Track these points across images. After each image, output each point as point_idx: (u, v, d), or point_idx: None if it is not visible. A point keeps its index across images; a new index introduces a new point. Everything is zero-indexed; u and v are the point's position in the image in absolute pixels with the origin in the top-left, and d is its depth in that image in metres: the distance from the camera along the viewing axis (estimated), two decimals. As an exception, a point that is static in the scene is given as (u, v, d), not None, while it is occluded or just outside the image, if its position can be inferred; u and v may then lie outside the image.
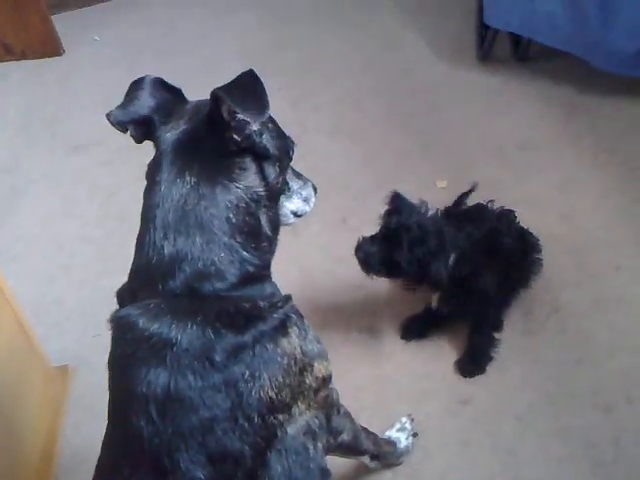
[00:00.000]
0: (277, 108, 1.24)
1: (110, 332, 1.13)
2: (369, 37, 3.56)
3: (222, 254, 1.07)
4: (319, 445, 1.16)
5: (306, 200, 1.35)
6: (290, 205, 1.31)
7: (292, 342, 1.10)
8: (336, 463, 1.45)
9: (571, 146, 2.69)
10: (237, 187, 1.10)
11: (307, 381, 1.14)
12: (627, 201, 2.41)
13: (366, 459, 1.57)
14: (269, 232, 1.17)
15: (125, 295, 1.15)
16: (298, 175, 1.34)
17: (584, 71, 2.90)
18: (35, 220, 2.64)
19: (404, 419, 1.78)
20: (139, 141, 1.22)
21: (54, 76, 3.56)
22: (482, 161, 2.68)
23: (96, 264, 2.39)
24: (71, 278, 2.36)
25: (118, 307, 1.16)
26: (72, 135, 3.08)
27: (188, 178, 1.08)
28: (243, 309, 1.07)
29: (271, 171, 1.17)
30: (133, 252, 1.14)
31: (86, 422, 1.90)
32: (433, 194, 2.53)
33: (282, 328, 1.10)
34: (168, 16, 4.00)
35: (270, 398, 1.05)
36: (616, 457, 1.70)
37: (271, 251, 1.20)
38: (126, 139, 1.24)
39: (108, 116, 1.20)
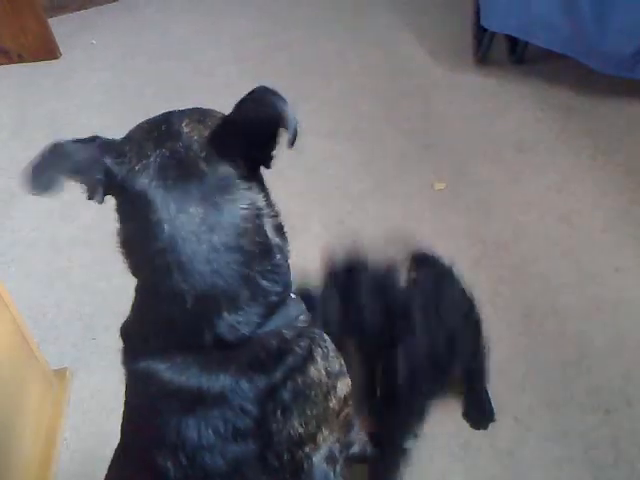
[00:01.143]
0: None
1: (127, 380, 1.08)
2: (366, 39, 3.57)
3: (245, 292, 0.97)
4: (338, 469, 1.14)
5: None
6: None
7: (318, 367, 1.06)
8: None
9: (569, 148, 2.70)
10: (242, 207, 0.98)
11: (331, 405, 1.09)
12: (625, 202, 2.41)
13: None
14: (278, 241, 1.05)
15: (134, 338, 1.09)
16: None
17: (581, 73, 2.91)
18: (32, 223, 2.64)
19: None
20: (101, 200, 1.07)
21: (50, 79, 3.56)
22: (479, 163, 2.69)
23: (94, 267, 2.39)
24: (69, 281, 2.35)
25: (124, 346, 1.11)
26: (69, 138, 3.06)
27: (193, 210, 0.94)
28: (272, 349, 1.00)
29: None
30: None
31: (85, 425, 1.89)
32: (431, 197, 2.54)
33: (309, 355, 1.05)
34: (164, 20, 4.01)
35: (299, 434, 1.02)
36: (616, 459, 1.70)
37: (287, 264, 1.08)
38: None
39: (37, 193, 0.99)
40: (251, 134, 0.98)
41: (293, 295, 1.10)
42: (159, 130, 1.02)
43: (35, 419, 1.82)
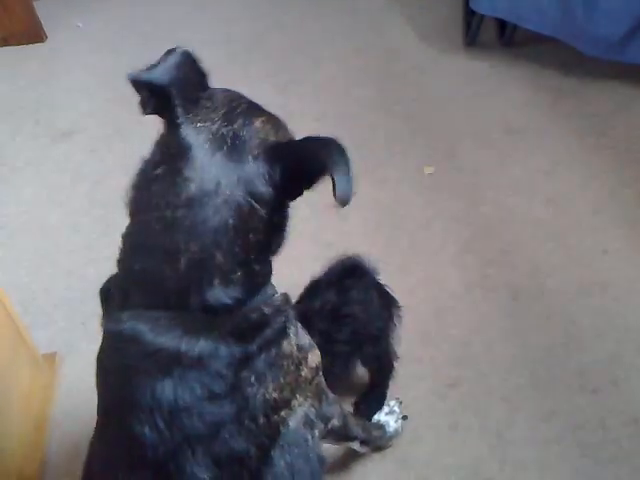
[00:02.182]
0: (263, 93, 1.24)
1: (105, 338, 1.10)
2: (356, 22, 3.55)
3: (239, 271, 1.02)
4: (316, 433, 1.18)
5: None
6: None
7: (290, 342, 1.12)
8: (325, 449, 1.46)
9: (558, 130, 2.70)
10: (261, 209, 1.02)
11: (303, 374, 1.15)
12: (614, 184, 2.42)
13: (356, 445, 1.57)
14: (282, 238, 1.13)
15: (118, 295, 1.09)
16: None
17: (570, 55, 2.91)
18: (20, 208, 2.62)
19: (392, 402, 1.79)
20: (146, 112, 1.12)
21: (37, 62, 3.52)
22: (469, 146, 2.69)
23: (82, 252, 2.38)
24: (58, 266, 2.34)
25: (103, 305, 1.13)
26: (56, 122, 3.05)
27: (222, 187, 0.99)
28: (252, 321, 1.05)
29: None
30: (126, 241, 1.11)
31: (75, 409, 1.89)
32: (420, 180, 2.55)
33: (283, 331, 1.10)
34: (152, 1, 3.96)
35: (274, 398, 1.07)
36: (602, 438, 1.73)
37: (278, 251, 1.15)
38: (111, 125, 1.22)
39: (128, 74, 1.08)
40: (301, 167, 1.04)
41: None
42: (238, 107, 1.07)
43: (25, 404, 1.82)
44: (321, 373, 1.26)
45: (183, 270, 0.99)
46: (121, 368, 1.06)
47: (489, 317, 2.04)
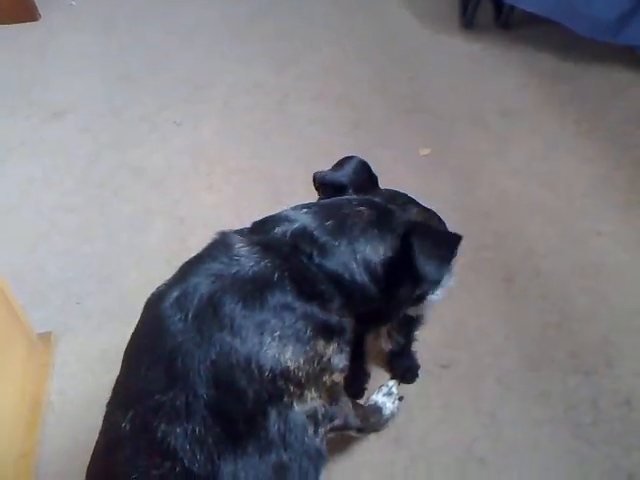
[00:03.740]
0: (260, 73, 1.24)
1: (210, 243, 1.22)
2: (353, 3, 3.53)
3: (341, 251, 1.18)
4: (320, 431, 1.22)
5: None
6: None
7: (326, 350, 1.17)
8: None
9: (554, 113, 2.70)
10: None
11: (324, 379, 1.20)
12: (609, 168, 2.43)
13: (352, 432, 1.59)
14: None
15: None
16: None
17: (567, 38, 2.91)
18: (14, 188, 2.60)
19: (391, 383, 1.79)
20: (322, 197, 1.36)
21: (30, 42, 3.49)
22: (465, 128, 2.68)
23: (77, 231, 2.37)
24: (52, 246, 2.34)
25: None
26: (50, 102, 3.03)
27: (345, 240, 1.18)
28: (314, 283, 1.14)
29: None
30: (121, 215, 1.16)
31: (70, 388, 1.89)
32: (416, 162, 2.54)
33: (328, 334, 1.16)
34: (147, -20, 3.92)
35: (287, 366, 1.10)
36: (595, 419, 1.74)
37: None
38: (105, 105, 1.22)
39: (315, 174, 1.38)
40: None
41: None
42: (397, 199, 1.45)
43: (20, 383, 1.82)
44: (341, 384, 1.31)
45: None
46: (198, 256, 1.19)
47: (483, 299, 2.04)
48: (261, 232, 1.19)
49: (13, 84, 3.20)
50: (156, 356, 1.08)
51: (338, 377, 1.26)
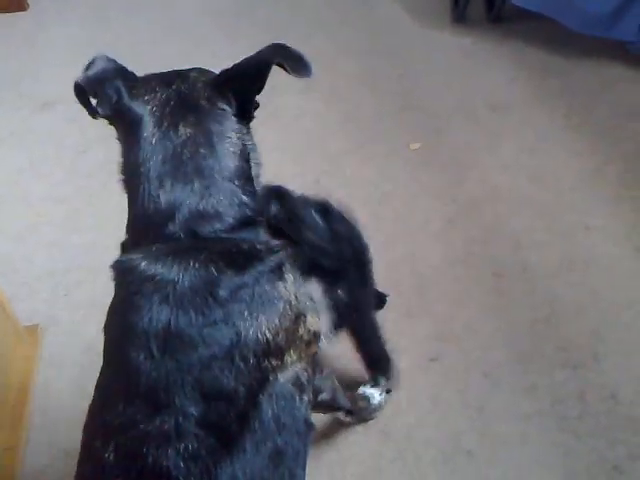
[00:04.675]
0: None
1: (112, 278, 1.15)
2: (344, -4, 3.52)
3: (221, 197, 1.10)
4: (305, 398, 1.18)
5: None
6: None
7: (288, 287, 1.12)
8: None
9: (544, 107, 2.71)
10: (232, 135, 1.13)
11: (300, 331, 1.16)
12: (598, 161, 2.43)
13: (341, 415, 1.59)
14: (257, 171, 1.21)
15: (128, 246, 1.17)
16: None
17: (557, 33, 2.91)
18: (3, 179, 2.59)
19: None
20: (105, 115, 1.23)
21: (19, 32, 3.46)
22: (454, 122, 2.68)
23: (65, 223, 2.36)
24: (40, 237, 2.32)
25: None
26: (39, 92, 3.00)
27: (182, 130, 1.10)
28: (243, 250, 1.09)
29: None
30: (110, 207, 1.14)
31: (57, 381, 1.88)
32: (406, 156, 2.54)
33: (279, 271, 1.12)
34: (137, -29, 3.90)
35: (267, 340, 1.07)
36: (581, 412, 1.75)
37: (259, 195, 1.21)
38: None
39: (76, 83, 1.21)
40: (245, 78, 1.17)
41: None
42: (169, 75, 1.19)
43: (6, 376, 1.81)
44: (320, 345, 1.27)
45: (164, 205, 1.09)
46: (122, 299, 1.10)
47: (472, 293, 2.05)
48: (151, 240, 1.11)
49: (1, 74, 3.17)
50: (132, 394, 1.03)
51: (313, 323, 1.21)
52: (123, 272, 1.11)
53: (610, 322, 1.95)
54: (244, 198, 1.12)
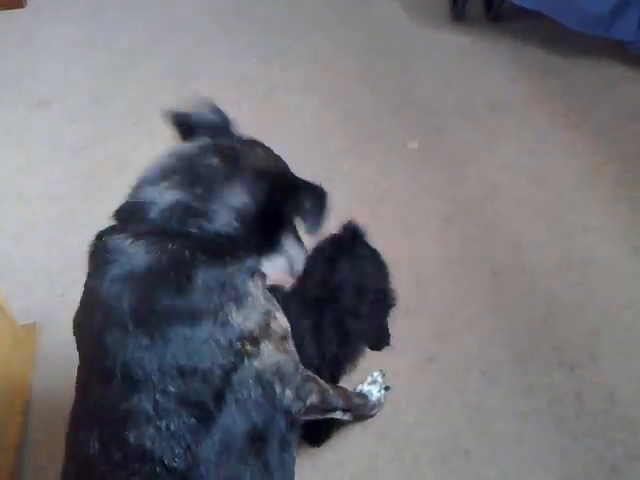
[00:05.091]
0: (249, 64, 1.23)
1: (89, 256, 1.17)
2: (342, -5, 3.52)
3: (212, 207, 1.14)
4: (287, 391, 1.20)
5: (291, 264, 1.36)
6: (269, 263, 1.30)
7: (257, 287, 1.17)
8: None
9: (543, 107, 2.70)
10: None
11: (272, 326, 1.19)
12: (597, 162, 2.43)
13: (338, 414, 1.59)
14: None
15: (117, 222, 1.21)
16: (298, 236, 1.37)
17: (557, 32, 2.90)
18: (0, 178, 2.59)
19: (375, 373, 1.81)
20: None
21: (16, 29, 3.45)
22: (453, 122, 2.68)
23: (62, 222, 2.35)
24: (37, 236, 2.32)
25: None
26: (36, 91, 3.00)
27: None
28: (220, 246, 1.13)
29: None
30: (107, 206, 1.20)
31: (55, 379, 1.88)
32: (404, 155, 2.54)
33: (250, 273, 1.16)
34: (135, -31, 3.89)
35: (237, 324, 1.10)
36: (578, 412, 1.75)
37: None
38: (92, 95, 1.21)
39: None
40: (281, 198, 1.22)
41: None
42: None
43: (3, 375, 1.81)
44: (292, 344, 1.29)
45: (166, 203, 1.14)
46: (98, 267, 1.14)
47: (470, 292, 2.05)
48: (137, 221, 1.16)
49: (-2, 72, 3.17)
50: (107, 374, 1.05)
51: (283, 321, 1.25)
52: (100, 247, 1.15)
53: (608, 322, 1.95)
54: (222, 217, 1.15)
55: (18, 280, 2.16)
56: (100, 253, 1.14)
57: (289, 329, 1.28)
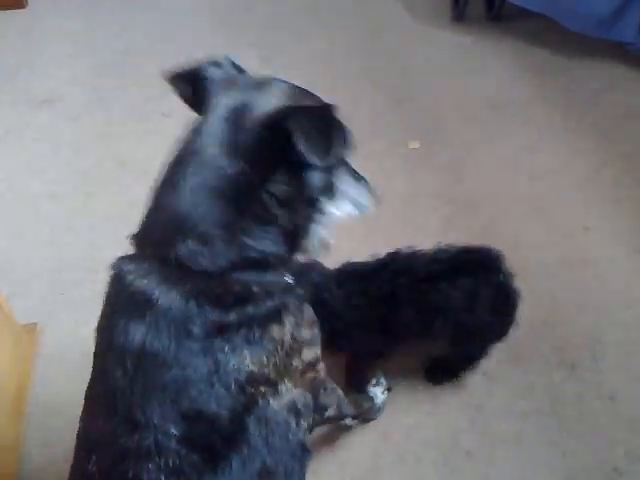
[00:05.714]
0: (247, 63, 1.23)
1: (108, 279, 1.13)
2: (343, -6, 3.51)
3: (220, 234, 1.04)
4: (302, 423, 1.17)
5: (356, 204, 1.27)
6: (333, 209, 1.21)
7: (284, 330, 1.10)
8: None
9: (543, 107, 2.70)
10: (252, 175, 1.04)
11: (294, 363, 1.14)
12: (597, 162, 2.43)
13: (348, 420, 1.59)
14: (281, 213, 1.09)
15: (137, 244, 1.14)
16: (353, 173, 1.28)
17: (558, 32, 2.90)
18: (0, 177, 2.58)
19: (378, 374, 1.80)
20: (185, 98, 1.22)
21: (17, 29, 3.44)
22: (454, 121, 2.68)
23: (62, 221, 2.35)
24: (37, 235, 2.31)
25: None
26: (37, 89, 2.99)
27: (216, 152, 1.04)
28: (232, 290, 1.05)
29: (312, 176, 1.11)
30: (107, 205, 1.12)
31: (54, 380, 1.88)
32: (405, 155, 2.54)
33: (276, 315, 1.09)
34: (135, -32, 3.88)
35: (251, 371, 1.05)
36: (579, 413, 1.75)
37: (290, 250, 1.14)
38: (93, 93, 1.20)
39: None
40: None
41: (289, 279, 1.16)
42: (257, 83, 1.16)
43: (4, 375, 1.80)
44: (320, 368, 1.26)
45: (163, 223, 1.07)
46: (107, 308, 1.09)
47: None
48: (145, 252, 1.10)
49: (0, 71, 3.16)
50: (110, 409, 1.03)
51: (310, 354, 1.20)
52: (114, 279, 1.09)
53: (608, 322, 1.95)
54: (246, 240, 1.05)
55: (18, 280, 2.16)
56: (114, 287, 1.11)
57: (314, 358, 1.22)
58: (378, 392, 1.75)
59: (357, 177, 1.28)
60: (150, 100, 2.82)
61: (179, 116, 1.11)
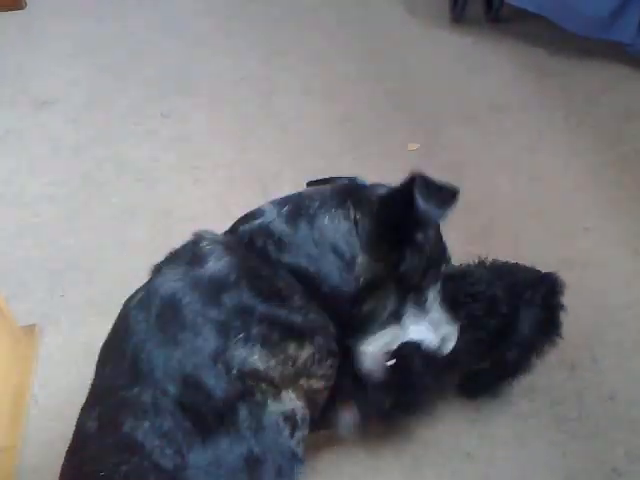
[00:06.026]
0: (247, 64, 1.22)
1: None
2: (342, -5, 3.52)
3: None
4: (297, 434, 1.18)
5: (443, 338, 1.34)
6: (414, 330, 1.29)
7: (300, 353, 1.13)
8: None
9: (542, 108, 2.70)
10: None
11: (301, 382, 1.16)
12: (597, 163, 2.43)
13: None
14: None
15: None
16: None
17: (557, 33, 2.91)
18: (0, 177, 2.58)
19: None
20: None
21: (17, 30, 3.45)
22: (454, 123, 2.68)
23: (62, 223, 2.35)
24: (36, 237, 2.31)
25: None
26: (37, 91, 2.99)
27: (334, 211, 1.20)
28: (276, 284, 1.11)
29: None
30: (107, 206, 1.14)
31: (54, 381, 1.88)
32: (404, 157, 2.54)
33: (299, 336, 1.12)
34: (135, -31, 3.88)
35: (256, 368, 1.07)
36: (580, 413, 1.75)
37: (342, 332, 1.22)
38: (93, 95, 1.20)
39: None
40: None
41: None
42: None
43: (3, 376, 1.81)
44: (320, 399, 1.27)
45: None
46: (168, 256, 1.18)
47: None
48: (233, 230, 1.19)
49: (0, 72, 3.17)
50: (120, 354, 1.07)
51: (318, 384, 1.22)
52: (190, 240, 1.17)
53: (608, 323, 1.95)
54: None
55: (18, 281, 2.16)
56: (183, 245, 1.19)
57: (320, 388, 1.24)
58: None
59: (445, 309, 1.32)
60: (150, 101, 2.82)
61: (178, 117, 1.11)
